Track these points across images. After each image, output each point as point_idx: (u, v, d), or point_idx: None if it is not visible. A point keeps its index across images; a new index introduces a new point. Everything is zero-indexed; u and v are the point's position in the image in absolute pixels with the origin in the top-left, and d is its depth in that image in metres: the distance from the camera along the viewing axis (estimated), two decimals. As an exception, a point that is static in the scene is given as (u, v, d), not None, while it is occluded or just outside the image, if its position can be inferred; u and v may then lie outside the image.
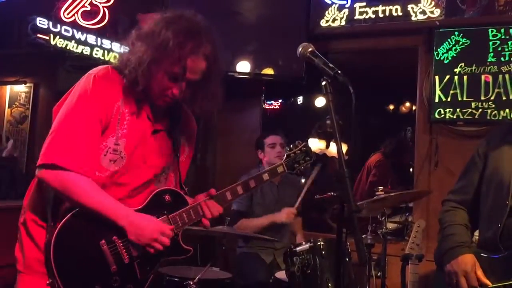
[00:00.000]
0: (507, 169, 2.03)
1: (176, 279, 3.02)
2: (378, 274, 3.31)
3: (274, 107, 7.31)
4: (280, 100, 7.24)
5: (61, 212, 1.73)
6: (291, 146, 2.06)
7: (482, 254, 2.02)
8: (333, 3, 4.25)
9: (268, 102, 6.95)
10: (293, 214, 3.46)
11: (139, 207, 1.80)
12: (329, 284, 2.65)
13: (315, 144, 6.01)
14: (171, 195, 1.86)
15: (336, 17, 4.24)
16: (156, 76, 1.74)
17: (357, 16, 4.17)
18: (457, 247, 2.04)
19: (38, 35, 3.68)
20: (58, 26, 3.80)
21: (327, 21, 4.27)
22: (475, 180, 2.14)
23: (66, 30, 3.83)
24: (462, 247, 2.04)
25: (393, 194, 3.25)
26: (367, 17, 4.15)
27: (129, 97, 1.78)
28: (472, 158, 2.20)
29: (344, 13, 4.21)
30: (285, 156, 2.04)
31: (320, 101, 6.52)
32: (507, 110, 3.61)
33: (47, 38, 3.72)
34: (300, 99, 7.35)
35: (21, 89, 5.19)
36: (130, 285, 1.78)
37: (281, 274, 3.07)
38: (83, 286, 1.71)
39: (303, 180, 3.86)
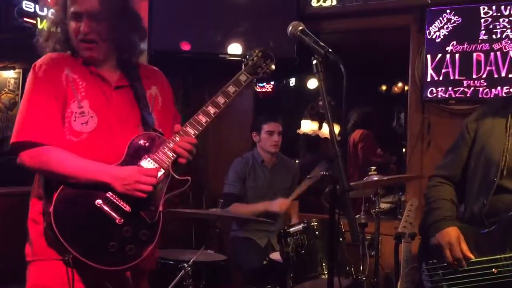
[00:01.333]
0: (497, 146, 2.04)
1: (170, 262, 3.04)
2: (372, 253, 3.34)
3: (267, 90, 7.27)
4: (272, 82, 7.20)
5: (52, 189, 1.75)
6: (247, 56, 2.06)
7: (467, 229, 2.04)
8: (324, -18, 4.21)
9: (260, 84, 6.91)
10: (286, 206, 3.45)
11: (119, 161, 1.81)
12: (323, 264, 2.67)
13: (308, 126, 6.02)
14: (146, 138, 1.86)
15: (327, -3, 4.20)
16: (68, 26, 1.85)
17: (348, -5, 4.13)
18: (442, 220, 2.07)
19: (25, 19, 3.62)
20: (45, 9, 3.73)
21: (318, 1, 4.23)
22: (463, 156, 2.15)
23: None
24: (447, 220, 2.06)
25: (385, 178, 3.28)
26: (358, -4, 4.11)
27: (75, 65, 1.87)
28: (461, 133, 2.21)
29: (335, -8, 4.17)
30: (243, 66, 2.03)
31: (312, 83, 6.49)
32: (498, 88, 3.61)
33: (34, 22, 3.66)
34: (292, 81, 7.32)
35: (10, 75, 5.11)
36: (144, 231, 1.78)
37: (275, 255, 3.09)
38: (99, 249, 1.72)
39: (297, 162, 3.87)
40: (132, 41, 1.96)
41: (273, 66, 2.08)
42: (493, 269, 1.95)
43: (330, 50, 1.58)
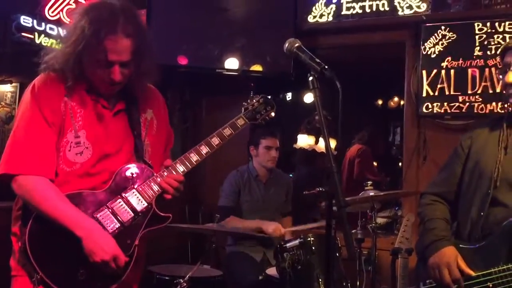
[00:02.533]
0: (490, 160, 2.06)
1: (166, 278, 3.01)
2: (369, 268, 3.33)
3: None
4: (269, 97, 7.22)
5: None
6: (248, 100, 2.06)
7: (460, 245, 2.04)
8: (320, -2, 4.26)
9: (257, 99, 6.93)
10: (280, 232, 3.43)
11: (104, 188, 1.80)
12: (320, 280, 2.65)
13: (304, 140, 6.02)
14: (135, 169, 1.85)
15: (324, 13, 4.24)
16: (88, 68, 1.78)
17: (344, 12, 4.18)
18: (439, 240, 2.07)
19: (23, 34, 3.63)
20: (43, 24, 3.75)
21: (314, 17, 4.27)
22: (457, 172, 2.16)
23: (51, 29, 3.79)
24: (444, 240, 2.06)
25: (382, 194, 3.28)
26: (354, 12, 4.15)
27: (75, 91, 1.81)
28: (455, 150, 2.23)
29: (331, 8, 4.21)
30: (243, 109, 2.03)
31: (309, 97, 6.52)
32: (493, 104, 3.64)
33: (32, 36, 3.68)
34: (289, 95, 7.34)
35: (7, 89, 5.12)
36: None
37: (271, 271, 3.07)
38: (67, 275, 1.71)
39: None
40: (148, 72, 1.91)
41: (272, 114, 2.10)
42: (489, 283, 1.95)
43: (326, 66, 1.59)
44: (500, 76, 2.09)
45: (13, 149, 1.75)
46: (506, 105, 2.11)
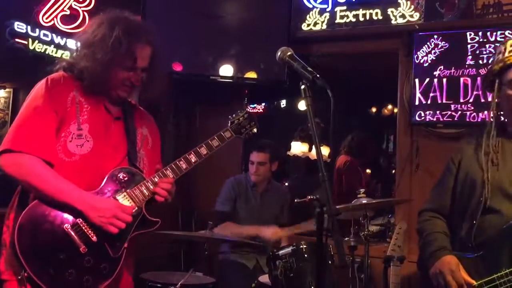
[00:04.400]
0: (479, 171, 2.08)
1: (158, 285, 3.00)
2: (361, 276, 3.33)
3: (258, 111, 7.31)
4: (263, 104, 7.24)
5: (26, 203, 1.76)
6: (234, 115, 2.19)
7: (460, 256, 2.05)
8: (314, 7, 4.27)
9: (252, 105, 6.95)
10: (278, 236, 3.44)
11: (97, 189, 1.83)
12: (312, 287, 2.65)
13: (298, 147, 6.04)
14: (126, 173, 1.90)
15: (317, 21, 4.26)
16: (113, 73, 1.89)
17: (338, 20, 4.20)
18: (439, 250, 2.08)
19: (17, 40, 3.62)
20: (37, 30, 3.74)
21: (308, 25, 4.29)
22: (450, 185, 2.19)
23: (45, 35, 3.78)
24: (444, 250, 2.08)
25: (374, 201, 3.29)
26: (347, 21, 4.17)
27: (84, 90, 1.91)
28: (447, 166, 2.25)
29: (325, 17, 4.24)
30: (229, 123, 2.16)
31: (303, 104, 6.50)
32: (485, 112, 3.66)
33: (26, 42, 3.66)
34: (283, 102, 7.37)
35: (0, 94, 5.10)
36: (105, 264, 1.79)
37: (264, 278, 3.06)
38: (56, 273, 1.70)
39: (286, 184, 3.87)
40: (154, 91, 2.07)
41: (255, 130, 2.23)
42: None
43: (317, 75, 1.60)
44: (505, 93, 2.06)
45: (16, 130, 1.81)
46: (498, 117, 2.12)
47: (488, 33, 3.69)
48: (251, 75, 4.24)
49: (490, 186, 2.02)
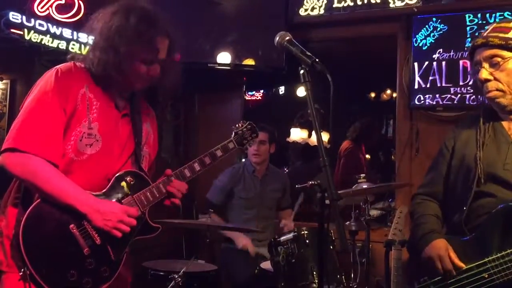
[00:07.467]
0: (472, 156, 2.07)
1: (161, 273, 3.01)
2: (363, 261, 3.34)
3: (256, 98, 7.29)
4: (262, 91, 7.22)
5: (31, 199, 1.74)
6: (237, 125, 2.20)
7: (451, 239, 2.06)
8: (311, -9, 4.24)
9: (250, 93, 6.92)
10: (246, 247, 3.48)
11: (102, 191, 1.82)
12: (314, 273, 2.66)
13: (298, 134, 6.03)
14: (133, 176, 1.89)
15: (315, 6, 4.23)
16: (132, 66, 1.85)
17: (335, 5, 4.17)
18: (429, 233, 2.09)
19: (12, 30, 3.59)
20: (32, 20, 3.70)
21: (305, 10, 4.26)
22: (443, 171, 2.19)
23: (40, 25, 3.74)
24: (433, 233, 2.08)
25: (374, 186, 3.29)
26: (345, 5, 4.14)
27: (94, 84, 1.87)
28: (439, 151, 2.25)
29: (323, 1, 4.21)
30: (233, 134, 2.16)
31: (302, 91, 6.52)
32: (485, 95, 3.64)
33: (21, 33, 3.62)
34: (282, 89, 7.34)
35: (-2, 86, 5.08)
36: (105, 267, 1.79)
37: (266, 265, 3.08)
38: (58, 272, 1.70)
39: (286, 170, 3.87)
40: (170, 83, 2.04)
41: (255, 140, 2.25)
42: (484, 274, 1.96)
43: (317, 60, 1.59)
44: (475, 75, 2.08)
45: (23, 127, 1.75)
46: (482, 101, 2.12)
47: (487, 15, 3.66)
48: (249, 62, 4.22)
49: (482, 165, 2.02)
